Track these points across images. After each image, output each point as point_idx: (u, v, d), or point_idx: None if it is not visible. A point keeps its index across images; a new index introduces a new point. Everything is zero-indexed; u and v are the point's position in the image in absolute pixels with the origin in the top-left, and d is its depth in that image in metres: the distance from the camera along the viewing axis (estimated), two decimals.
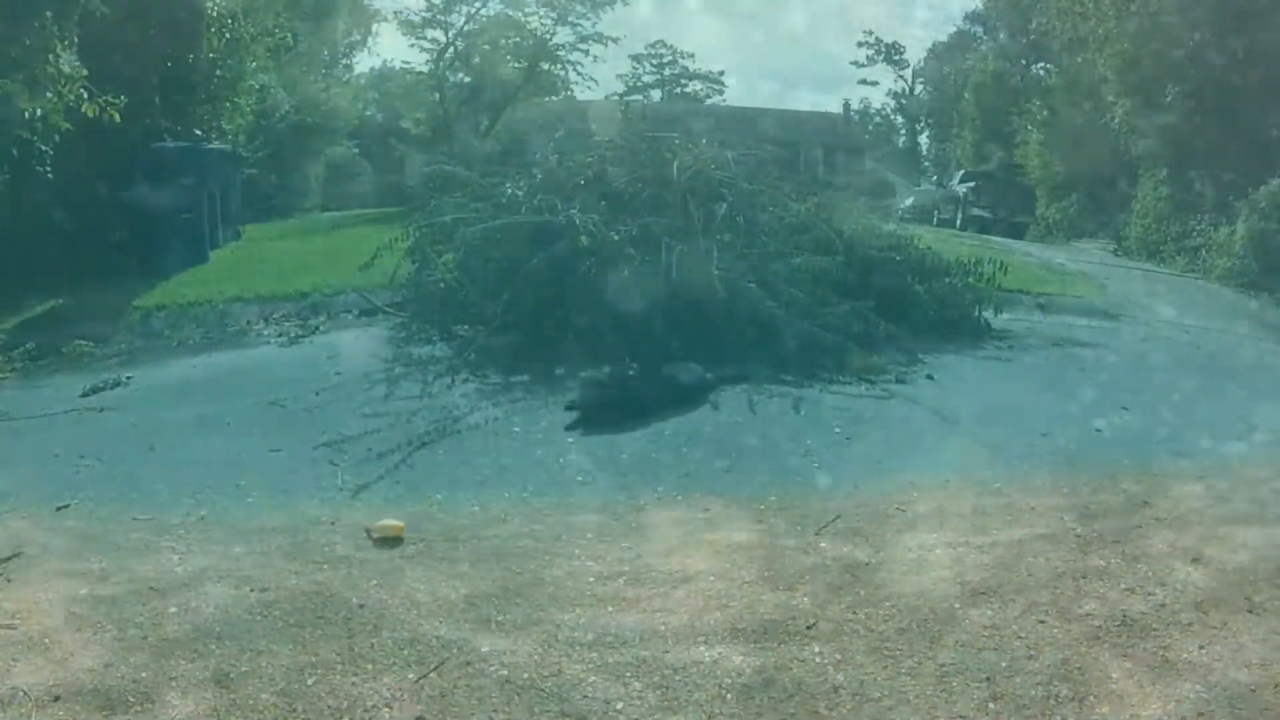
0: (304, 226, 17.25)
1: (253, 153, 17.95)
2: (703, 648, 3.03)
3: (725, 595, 3.42)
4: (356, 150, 29.91)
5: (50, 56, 7.62)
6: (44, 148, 8.43)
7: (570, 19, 23.58)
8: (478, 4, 22.88)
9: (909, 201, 31.49)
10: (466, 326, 7.30)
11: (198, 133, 11.94)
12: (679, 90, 60.36)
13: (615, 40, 25.65)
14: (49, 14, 7.65)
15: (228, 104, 12.87)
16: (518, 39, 23.61)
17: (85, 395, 6.15)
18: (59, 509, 4.31)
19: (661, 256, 6.62)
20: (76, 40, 8.08)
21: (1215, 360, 8.22)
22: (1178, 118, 16.45)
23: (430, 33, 23.35)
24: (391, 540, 3.90)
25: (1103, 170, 23.17)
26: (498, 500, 4.45)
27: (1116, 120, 18.72)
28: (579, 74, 24.43)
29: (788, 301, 6.70)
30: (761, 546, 3.87)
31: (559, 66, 24.15)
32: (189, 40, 11.53)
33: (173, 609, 3.26)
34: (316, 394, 6.00)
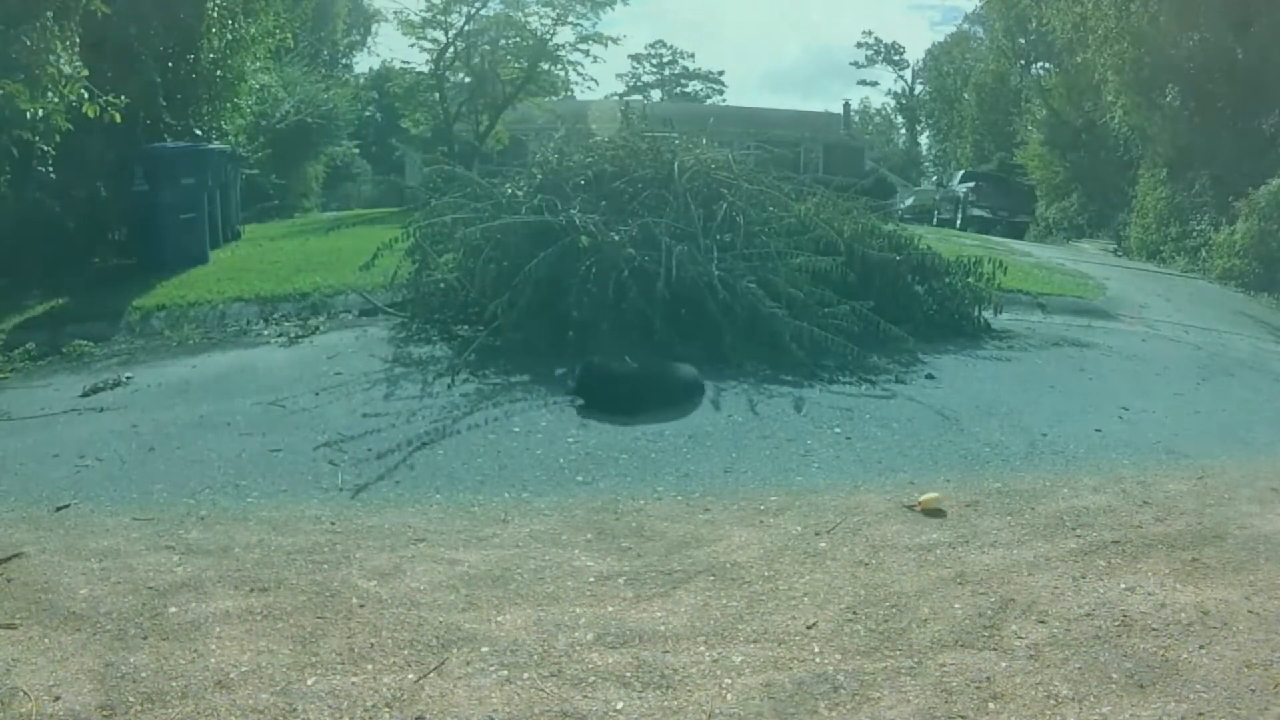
0: (304, 226, 17.24)
1: (253, 153, 17.97)
2: (703, 648, 3.04)
3: (725, 594, 3.43)
4: (356, 150, 29.95)
5: (51, 57, 7.60)
6: (45, 148, 8.42)
7: (570, 19, 23.58)
8: (478, 4, 22.86)
9: (909, 201, 31.58)
10: (466, 326, 7.31)
11: (198, 133, 11.93)
12: (679, 90, 60.53)
13: (615, 40, 25.68)
14: (49, 14, 7.64)
15: (228, 104, 12.86)
16: (518, 39, 23.59)
17: (85, 395, 6.15)
18: (59, 509, 4.31)
19: (661, 256, 6.63)
20: (77, 41, 8.07)
21: (1216, 360, 8.23)
22: (1178, 118, 16.47)
23: (430, 33, 23.33)
24: (934, 511, 4.25)
25: (1103, 170, 23.23)
26: (498, 499, 4.46)
27: (1116, 120, 18.74)
28: (579, 74, 24.43)
29: (788, 301, 6.71)
30: (761, 546, 3.88)
31: (559, 66, 24.13)
32: (189, 40, 11.53)
33: (172, 609, 3.27)
34: (316, 394, 6.00)
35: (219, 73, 12.23)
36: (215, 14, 11.65)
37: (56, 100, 7.69)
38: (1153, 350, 8.44)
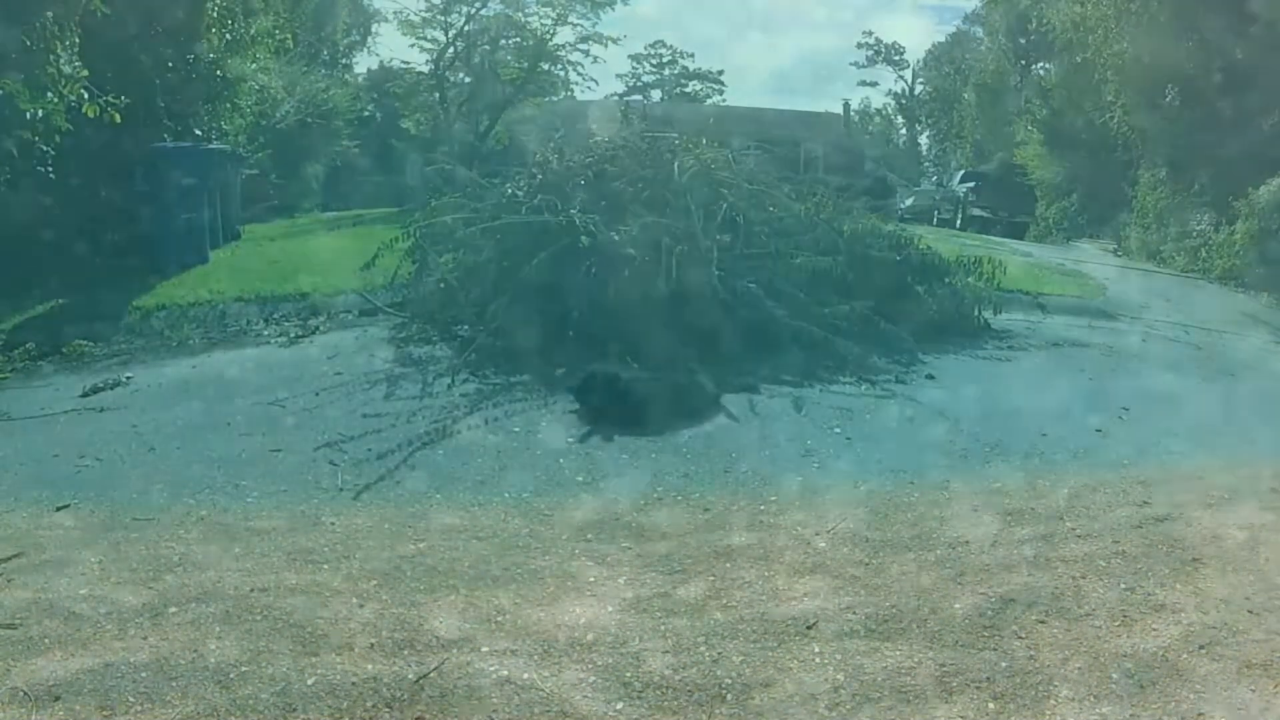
0: (304, 226, 17.24)
1: (253, 153, 17.94)
2: (703, 648, 3.04)
3: (726, 594, 3.43)
4: (356, 150, 29.89)
5: (51, 57, 7.61)
6: (45, 148, 8.42)
7: (570, 19, 23.56)
8: (478, 4, 22.85)
9: (909, 201, 31.51)
10: (466, 326, 7.30)
11: (198, 133, 11.92)
12: (679, 90, 60.41)
13: (615, 40, 25.66)
14: (49, 14, 7.64)
15: (228, 104, 12.85)
16: (518, 39, 23.58)
17: (85, 395, 6.15)
18: (59, 509, 4.31)
19: (661, 257, 6.62)
20: (77, 41, 8.07)
21: (1216, 360, 8.23)
22: (1178, 118, 16.45)
23: (430, 33, 23.33)
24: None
25: (1103, 170, 23.19)
26: (498, 499, 4.46)
27: (1116, 120, 18.72)
28: (579, 74, 24.40)
29: (788, 301, 6.70)
30: (761, 545, 3.88)
31: (559, 67, 24.12)
32: (189, 40, 11.52)
33: (172, 609, 3.27)
34: (316, 394, 6.00)
35: (219, 73, 12.22)
36: (215, 14, 11.64)
37: (56, 100, 7.70)
38: (1153, 350, 8.44)
